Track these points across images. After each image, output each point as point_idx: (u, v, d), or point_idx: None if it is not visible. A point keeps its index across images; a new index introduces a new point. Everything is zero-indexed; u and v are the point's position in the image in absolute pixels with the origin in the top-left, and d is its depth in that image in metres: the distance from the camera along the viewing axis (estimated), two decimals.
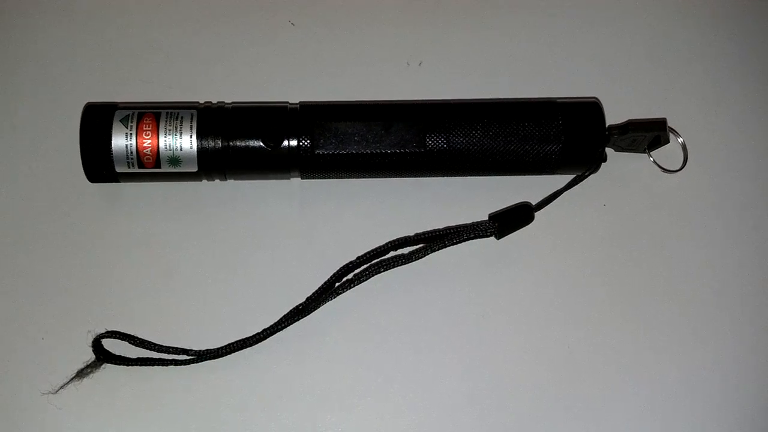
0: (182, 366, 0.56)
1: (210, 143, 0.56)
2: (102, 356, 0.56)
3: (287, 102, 0.59)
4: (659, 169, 0.63)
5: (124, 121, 0.56)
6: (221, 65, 0.64)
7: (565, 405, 0.58)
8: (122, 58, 0.64)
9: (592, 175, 0.60)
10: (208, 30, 0.65)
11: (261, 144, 0.57)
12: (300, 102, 0.59)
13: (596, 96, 0.61)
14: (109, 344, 0.57)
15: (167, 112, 0.57)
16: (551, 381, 0.59)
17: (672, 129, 0.62)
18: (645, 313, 0.60)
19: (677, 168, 0.63)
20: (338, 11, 0.67)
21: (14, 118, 0.62)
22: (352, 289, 0.57)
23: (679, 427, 0.58)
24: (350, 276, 0.58)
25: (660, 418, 0.58)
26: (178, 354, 0.56)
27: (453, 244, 0.58)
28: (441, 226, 0.59)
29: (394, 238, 0.58)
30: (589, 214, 0.62)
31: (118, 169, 0.56)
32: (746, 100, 0.66)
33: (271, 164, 0.58)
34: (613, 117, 0.61)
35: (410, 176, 0.61)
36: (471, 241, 0.58)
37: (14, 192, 0.61)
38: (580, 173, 0.60)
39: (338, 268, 0.58)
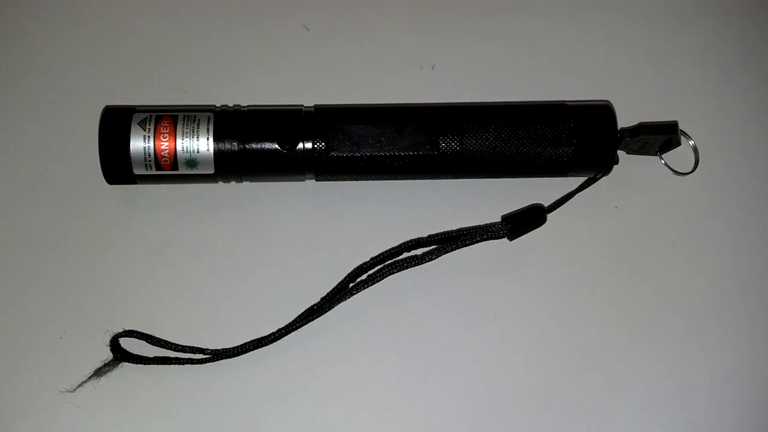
0: (198, 365, 0.57)
1: (226, 146, 0.57)
2: (120, 355, 0.57)
3: (302, 105, 0.60)
4: (670, 171, 0.63)
5: (142, 124, 0.57)
6: (237, 69, 0.65)
7: (577, 406, 0.58)
8: (139, 62, 0.65)
9: (603, 178, 0.60)
10: (223, 35, 0.66)
11: (276, 146, 0.57)
12: (315, 105, 0.60)
13: (608, 99, 0.62)
14: (126, 343, 0.58)
15: (184, 115, 0.57)
16: (563, 382, 0.59)
17: (683, 132, 0.62)
18: (657, 315, 0.60)
19: (688, 170, 0.63)
20: (352, 15, 0.67)
21: (33, 122, 0.63)
22: (365, 290, 0.58)
23: (694, 428, 0.59)
24: (364, 277, 0.58)
25: (673, 419, 0.59)
26: (195, 353, 0.57)
27: (466, 246, 0.58)
28: (454, 228, 0.59)
29: (408, 239, 0.59)
30: (601, 216, 0.62)
31: (136, 171, 0.57)
32: (758, 102, 0.66)
33: (286, 166, 0.58)
34: (624, 120, 0.61)
35: (423, 178, 0.61)
36: (483, 242, 0.59)
37: (34, 194, 0.61)
38: (591, 175, 0.60)
39: (352, 269, 0.58)
